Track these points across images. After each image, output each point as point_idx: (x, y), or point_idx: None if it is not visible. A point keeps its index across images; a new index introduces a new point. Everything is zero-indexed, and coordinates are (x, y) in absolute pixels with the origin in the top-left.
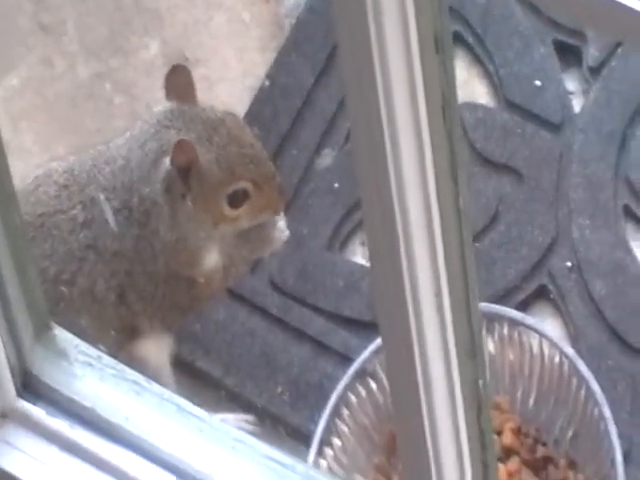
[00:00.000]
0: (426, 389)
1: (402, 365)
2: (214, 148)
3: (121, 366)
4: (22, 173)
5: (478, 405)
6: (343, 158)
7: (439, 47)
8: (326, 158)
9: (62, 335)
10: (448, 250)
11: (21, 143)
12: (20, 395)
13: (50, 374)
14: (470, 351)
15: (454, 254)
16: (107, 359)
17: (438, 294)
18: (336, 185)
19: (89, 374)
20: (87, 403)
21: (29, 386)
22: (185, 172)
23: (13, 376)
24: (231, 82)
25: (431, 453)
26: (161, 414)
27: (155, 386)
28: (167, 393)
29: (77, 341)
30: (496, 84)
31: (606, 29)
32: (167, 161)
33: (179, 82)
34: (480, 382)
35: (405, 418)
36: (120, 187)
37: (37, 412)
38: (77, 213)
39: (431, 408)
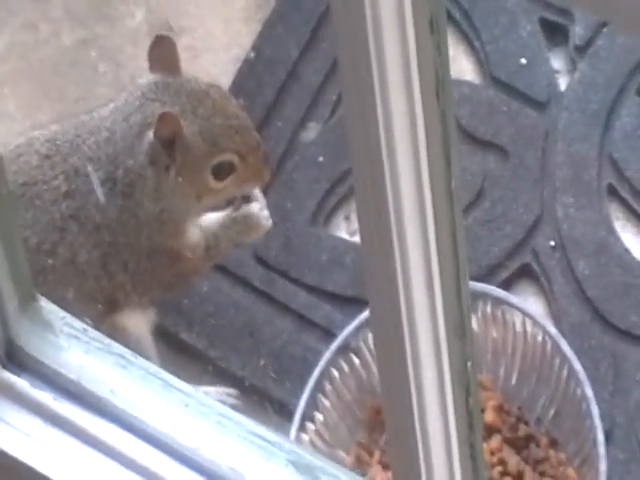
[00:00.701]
0: (415, 369)
1: (391, 344)
2: (198, 120)
3: (107, 340)
4: (4, 139)
5: (466, 386)
6: (328, 132)
7: (434, 28)
8: (311, 131)
9: (48, 307)
10: (439, 230)
11: (4, 108)
12: (4, 366)
13: (35, 346)
14: (459, 331)
15: (445, 234)
16: (93, 332)
17: (428, 272)
18: (320, 159)
19: (74, 346)
20: (72, 376)
21: (14, 357)
22: (169, 144)
23: None
24: (216, 52)
25: (419, 434)
26: (147, 388)
27: (141, 360)
28: (153, 367)
29: (63, 313)
30: (482, 61)
31: (593, 9)
32: (151, 134)
33: (163, 53)
34: (469, 363)
35: (393, 398)
36: (105, 158)
37: (21, 383)
38: (60, 183)
39: (419, 388)
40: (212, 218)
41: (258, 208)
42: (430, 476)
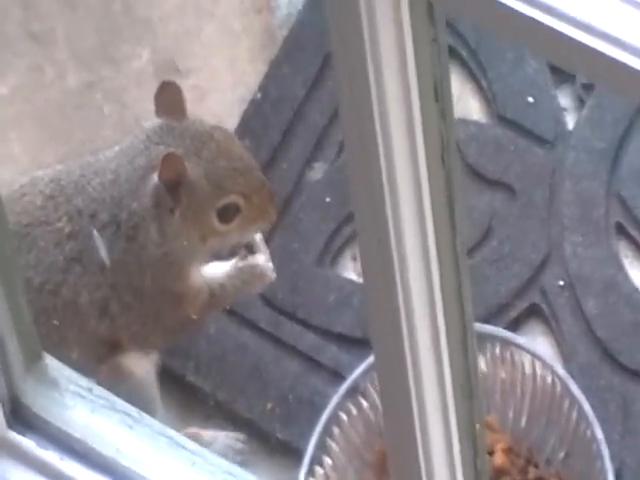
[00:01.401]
0: (422, 431)
1: (398, 408)
2: (203, 162)
3: (112, 397)
4: (10, 183)
5: (475, 448)
6: (334, 172)
7: (439, 95)
8: (317, 171)
9: (53, 365)
10: (446, 289)
11: (10, 152)
12: (10, 426)
13: (41, 404)
14: (468, 393)
15: (452, 295)
16: (98, 390)
17: (435, 333)
18: (327, 199)
19: (80, 405)
20: (78, 435)
21: (19, 416)
22: (174, 186)
23: (3, 406)
24: (222, 93)
25: None
26: (153, 446)
27: (146, 418)
28: (158, 425)
29: (68, 371)
30: (489, 99)
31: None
32: (155, 176)
33: (169, 98)
34: (477, 426)
35: (400, 460)
36: (109, 201)
37: (27, 443)
38: (63, 225)
39: (427, 451)
40: (218, 267)
41: (264, 259)
42: None
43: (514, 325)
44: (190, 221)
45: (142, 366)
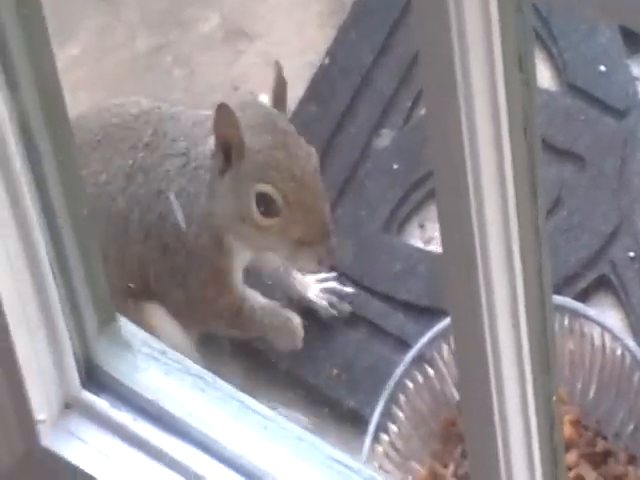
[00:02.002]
0: (500, 404)
1: (475, 381)
2: (263, 143)
3: (186, 361)
4: None
5: (551, 421)
6: (402, 138)
7: (523, 65)
8: (384, 138)
9: (127, 327)
10: (525, 259)
11: (79, 113)
12: (84, 386)
13: (114, 366)
14: (545, 366)
15: (531, 265)
16: (172, 353)
17: (514, 300)
18: (394, 166)
19: (153, 367)
20: (151, 396)
21: (93, 377)
22: (227, 146)
23: (78, 367)
24: (290, 58)
25: (503, 468)
26: (225, 410)
27: (219, 382)
28: (231, 389)
29: (142, 334)
30: (560, 68)
31: None
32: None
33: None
34: (554, 398)
35: (478, 434)
36: (190, 135)
37: (100, 404)
38: (144, 134)
39: (504, 424)
40: (259, 298)
41: (299, 322)
42: None
43: (583, 296)
44: (233, 191)
45: (163, 321)
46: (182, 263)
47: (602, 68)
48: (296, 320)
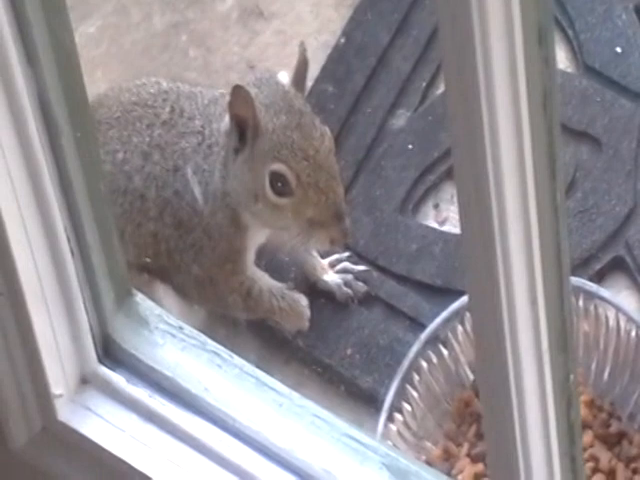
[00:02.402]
0: (517, 383)
1: (492, 358)
2: (278, 123)
3: (202, 337)
4: None
5: (568, 399)
6: (417, 119)
7: (542, 41)
8: (400, 118)
9: (143, 303)
10: (544, 239)
11: (96, 91)
12: (101, 361)
13: (131, 341)
14: (562, 344)
15: (550, 245)
16: (188, 329)
17: (531, 277)
18: (410, 146)
19: (170, 343)
20: (167, 372)
21: (110, 352)
22: (242, 127)
23: (95, 342)
24: (306, 38)
25: (520, 449)
26: (241, 386)
27: (236, 358)
28: (247, 366)
29: (158, 310)
30: (576, 50)
31: None
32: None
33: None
34: (571, 377)
35: (493, 409)
36: (206, 113)
37: (117, 379)
38: (162, 112)
39: (521, 400)
40: (268, 280)
41: (306, 304)
42: None
43: (598, 278)
44: (247, 170)
45: (173, 301)
46: (195, 240)
47: (618, 50)
48: (303, 302)
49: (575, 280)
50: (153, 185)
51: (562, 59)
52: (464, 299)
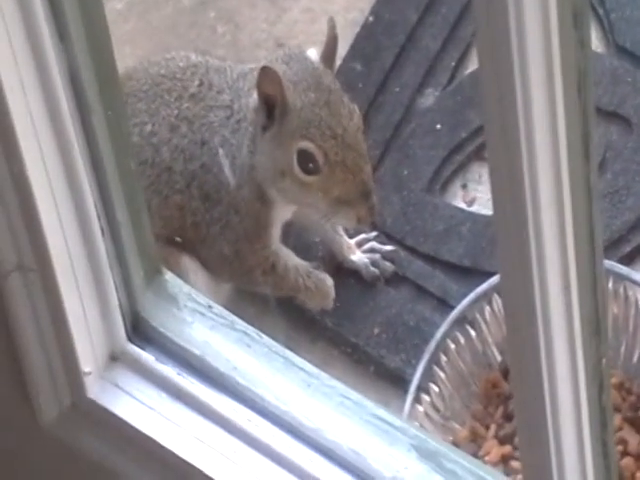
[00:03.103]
0: (549, 366)
1: (523, 338)
2: (306, 100)
3: (231, 316)
4: None
5: (600, 383)
6: (446, 98)
7: (577, 23)
8: (428, 98)
9: (173, 281)
10: (577, 221)
11: (124, 67)
12: (130, 339)
13: (160, 319)
14: (595, 328)
15: (583, 228)
16: (217, 308)
17: (564, 259)
18: (438, 126)
19: (199, 322)
20: (196, 351)
21: (139, 330)
22: (270, 103)
23: (124, 320)
24: (334, 15)
25: (551, 431)
26: (269, 366)
27: (265, 338)
28: (276, 346)
29: (187, 288)
30: (606, 29)
31: None
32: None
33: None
34: (603, 360)
35: (526, 397)
36: (234, 88)
37: (146, 357)
38: (190, 85)
39: (553, 386)
40: (294, 258)
41: (331, 284)
42: (561, 471)
43: (628, 259)
44: (275, 147)
45: (198, 275)
46: (222, 213)
47: None
48: (328, 282)
49: (605, 262)
50: (180, 158)
51: (592, 39)
52: (492, 280)
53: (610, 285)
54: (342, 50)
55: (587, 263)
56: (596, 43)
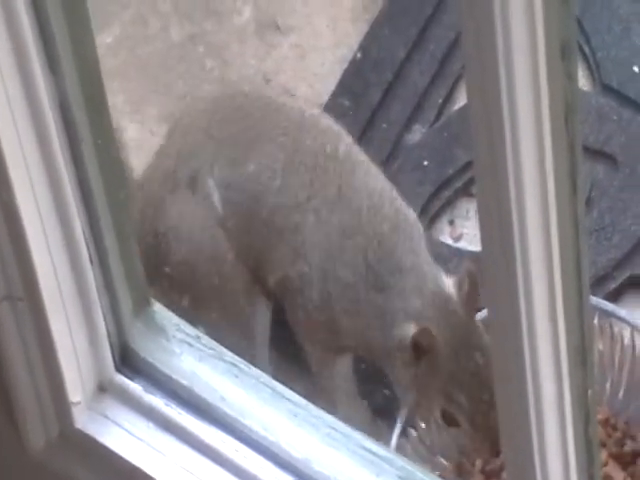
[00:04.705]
0: (535, 394)
1: (510, 373)
2: (456, 366)
3: (220, 347)
4: None
5: (586, 415)
6: (433, 135)
7: (565, 55)
8: (416, 134)
9: (161, 312)
10: (564, 255)
11: (113, 101)
12: (119, 370)
13: (149, 350)
14: (581, 359)
15: (570, 261)
16: (206, 339)
17: (551, 292)
18: (425, 162)
19: (187, 353)
20: (184, 381)
21: (128, 361)
22: (420, 351)
23: (112, 350)
24: (322, 52)
25: (538, 465)
26: (257, 397)
27: (252, 369)
28: (264, 377)
29: (176, 319)
30: (592, 68)
31: None
32: (410, 329)
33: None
34: (589, 392)
35: (513, 431)
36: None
37: (134, 387)
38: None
39: (539, 416)
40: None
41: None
42: None
43: (613, 296)
44: (422, 386)
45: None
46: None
47: (636, 69)
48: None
49: (591, 299)
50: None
51: (579, 77)
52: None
53: (596, 321)
54: (330, 86)
55: (574, 296)
56: (582, 81)
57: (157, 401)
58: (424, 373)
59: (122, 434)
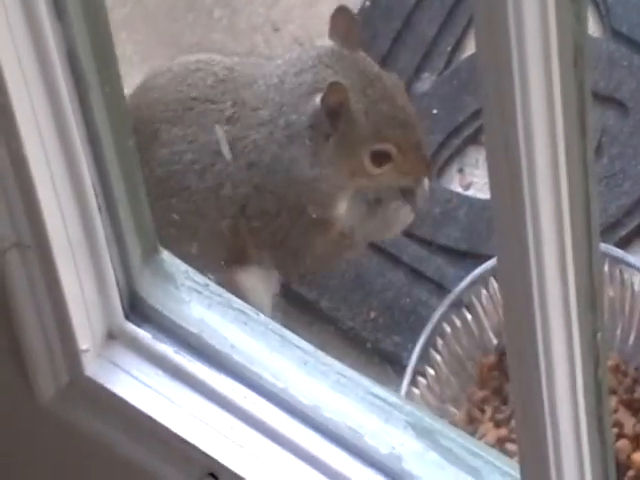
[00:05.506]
0: (544, 339)
1: (520, 318)
2: (366, 100)
3: (228, 295)
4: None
5: (596, 358)
6: (442, 83)
7: None
8: (425, 82)
9: (170, 260)
10: (573, 199)
11: (121, 52)
12: (127, 317)
13: (157, 298)
14: (590, 302)
15: (579, 206)
16: (214, 287)
17: (560, 237)
18: (434, 111)
19: (196, 300)
20: (193, 329)
21: (136, 309)
22: (334, 114)
23: (121, 298)
24: (331, 0)
25: (546, 405)
26: (266, 344)
27: (261, 316)
28: (273, 324)
29: (184, 267)
30: (602, 13)
31: None
32: (318, 99)
33: (342, 24)
34: (599, 335)
35: (521, 372)
36: (271, 103)
37: (143, 335)
38: (226, 108)
39: (548, 360)
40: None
41: (396, 206)
42: (557, 448)
43: (623, 243)
44: (342, 153)
45: (257, 286)
46: (286, 224)
47: None
48: (393, 206)
49: (601, 245)
50: (228, 183)
51: (589, 23)
52: (489, 263)
53: (606, 268)
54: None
55: (583, 240)
56: (593, 27)
57: (166, 349)
58: (344, 132)
59: (131, 381)
